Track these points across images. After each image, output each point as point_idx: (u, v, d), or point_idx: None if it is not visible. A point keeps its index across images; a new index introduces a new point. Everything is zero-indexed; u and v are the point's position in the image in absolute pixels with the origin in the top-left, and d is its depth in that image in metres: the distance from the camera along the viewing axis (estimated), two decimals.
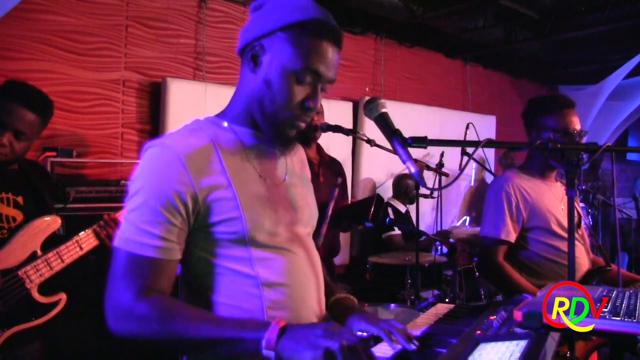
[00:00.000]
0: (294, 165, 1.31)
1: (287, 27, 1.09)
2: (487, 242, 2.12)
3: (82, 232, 1.95)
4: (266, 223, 1.11)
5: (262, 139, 1.19)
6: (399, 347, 1.09)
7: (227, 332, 0.98)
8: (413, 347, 1.06)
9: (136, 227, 1.03)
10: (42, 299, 1.88)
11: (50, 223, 1.95)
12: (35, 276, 1.86)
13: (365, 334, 1.15)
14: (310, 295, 1.19)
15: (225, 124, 1.17)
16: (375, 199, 2.61)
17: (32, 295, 1.86)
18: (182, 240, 1.07)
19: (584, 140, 2.13)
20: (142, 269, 1.02)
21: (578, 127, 2.08)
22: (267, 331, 0.95)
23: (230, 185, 1.08)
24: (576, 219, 2.16)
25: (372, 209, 2.56)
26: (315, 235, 2.47)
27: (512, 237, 2.09)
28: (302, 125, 1.15)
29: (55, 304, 1.92)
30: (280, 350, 0.94)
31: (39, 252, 1.89)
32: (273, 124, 1.13)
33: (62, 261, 1.90)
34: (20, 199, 1.94)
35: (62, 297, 1.94)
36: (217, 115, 1.21)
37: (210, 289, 1.10)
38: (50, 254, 1.88)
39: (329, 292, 1.32)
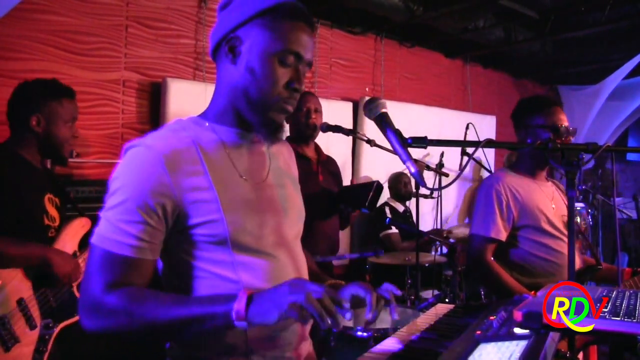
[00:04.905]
0: (280, 164, 1.29)
1: (262, 13, 1.10)
2: (477, 240, 2.14)
3: None
4: (249, 225, 1.10)
5: (245, 137, 1.18)
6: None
7: (196, 309, 0.97)
8: (395, 316, 1.03)
9: (113, 226, 1.02)
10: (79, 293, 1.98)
11: (85, 224, 2.06)
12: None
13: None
14: None
15: (207, 124, 1.16)
16: (375, 185, 2.58)
17: (74, 292, 1.97)
18: (159, 241, 1.06)
19: (574, 139, 2.15)
20: (115, 266, 1.01)
21: (566, 123, 2.11)
22: (235, 302, 0.95)
23: (211, 187, 1.07)
24: (566, 219, 2.17)
25: (370, 195, 2.53)
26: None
27: (503, 235, 2.11)
28: (290, 108, 1.14)
29: None
30: (251, 318, 0.93)
31: (78, 252, 2.00)
32: (262, 111, 1.11)
33: None
34: (57, 200, 2.02)
35: None
36: (200, 116, 1.20)
37: (191, 291, 1.09)
38: (86, 254, 1.98)
39: (317, 280, 1.30)
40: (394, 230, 4.06)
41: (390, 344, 1.12)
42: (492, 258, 2.13)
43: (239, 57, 1.12)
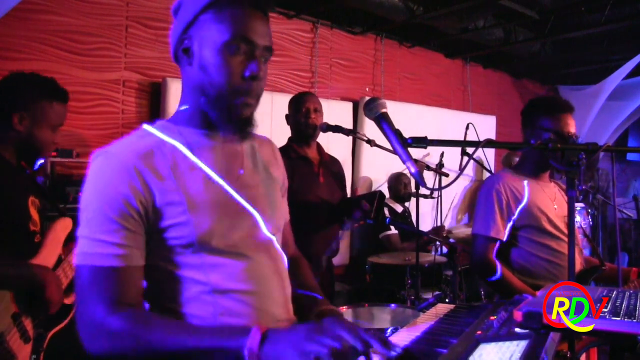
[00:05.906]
0: (258, 162, 1.25)
1: (206, 8, 1.08)
2: (478, 240, 2.15)
3: None
4: (217, 227, 1.07)
5: (215, 137, 1.15)
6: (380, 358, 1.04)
7: (206, 341, 0.94)
8: (394, 353, 0.97)
9: (92, 240, 1.00)
10: (67, 300, 1.89)
11: (67, 225, 1.96)
12: (63, 278, 1.86)
13: None
14: (272, 302, 1.13)
15: (175, 128, 1.13)
16: (378, 196, 2.59)
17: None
18: (141, 245, 1.04)
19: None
20: (108, 281, 0.99)
21: (573, 130, 2.10)
22: (248, 338, 0.91)
23: (177, 189, 1.05)
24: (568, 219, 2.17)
25: (375, 206, 2.54)
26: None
27: (502, 234, 2.12)
28: (249, 100, 1.09)
29: (74, 303, 1.91)
30: (265, 358, 0.90)
31: (63, 255, 1.90)
32: (221, 107, 1.09)
33: None
34: (38, 202, 1.91)
35: None
36: (168, 120, 1.17)
37: (163, 295, 1.07)
38: (70, 256, 1.89)
39: (312, 303, 1.27)
40: (393, 230, 4.06)
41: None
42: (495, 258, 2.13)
43: (192, 57, 1.10)
